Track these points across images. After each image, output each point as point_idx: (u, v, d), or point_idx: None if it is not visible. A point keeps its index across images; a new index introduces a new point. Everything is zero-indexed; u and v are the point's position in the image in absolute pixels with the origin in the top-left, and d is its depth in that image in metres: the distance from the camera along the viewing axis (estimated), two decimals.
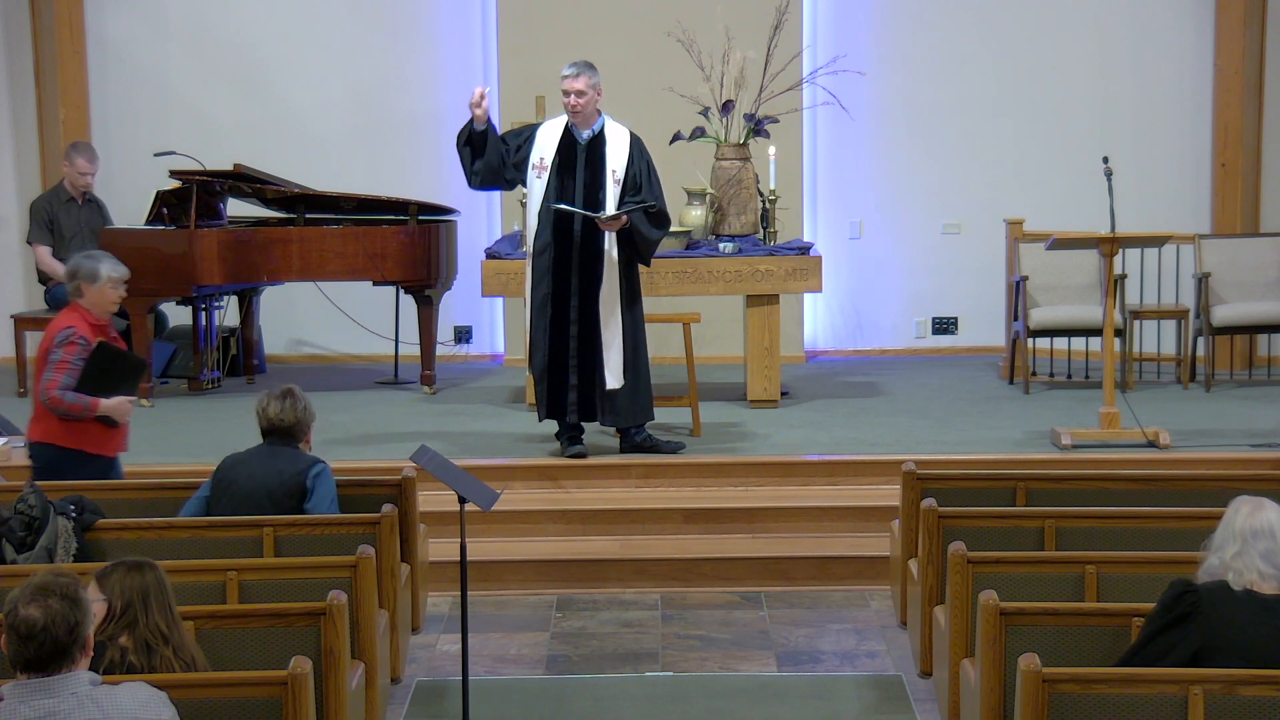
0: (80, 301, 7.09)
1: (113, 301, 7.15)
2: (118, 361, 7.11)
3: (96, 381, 6.98)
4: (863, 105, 11.18)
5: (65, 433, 7.04)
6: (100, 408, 6.98)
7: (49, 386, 6.95)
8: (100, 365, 6.99)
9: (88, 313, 7.07)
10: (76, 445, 7.05)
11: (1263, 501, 4.87)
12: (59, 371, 6.95)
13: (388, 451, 8.62)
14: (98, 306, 7.10)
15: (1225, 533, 4.83)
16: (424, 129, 11.47)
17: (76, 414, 6.97)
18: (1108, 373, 8.89)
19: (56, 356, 6.96)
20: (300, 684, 4.69)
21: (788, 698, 6.49)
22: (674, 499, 8.37)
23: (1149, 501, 6.56)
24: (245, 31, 11.44)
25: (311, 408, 6.56)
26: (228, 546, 6.17)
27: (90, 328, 7.04)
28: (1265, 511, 4.81)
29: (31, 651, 3.98)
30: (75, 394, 6.95)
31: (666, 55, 10.38)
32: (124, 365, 7.16)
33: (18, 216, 11.25)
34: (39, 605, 4.00)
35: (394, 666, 6.53)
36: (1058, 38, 11.37)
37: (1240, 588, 4.72)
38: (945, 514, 6.35)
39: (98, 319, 7.09)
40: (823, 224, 11.57)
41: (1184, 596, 4.74)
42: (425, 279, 10.22)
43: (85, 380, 6.96)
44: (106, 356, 7.02)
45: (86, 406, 6.96)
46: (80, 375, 6.96)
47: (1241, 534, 4.78)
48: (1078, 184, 10.75)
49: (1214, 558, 4.82)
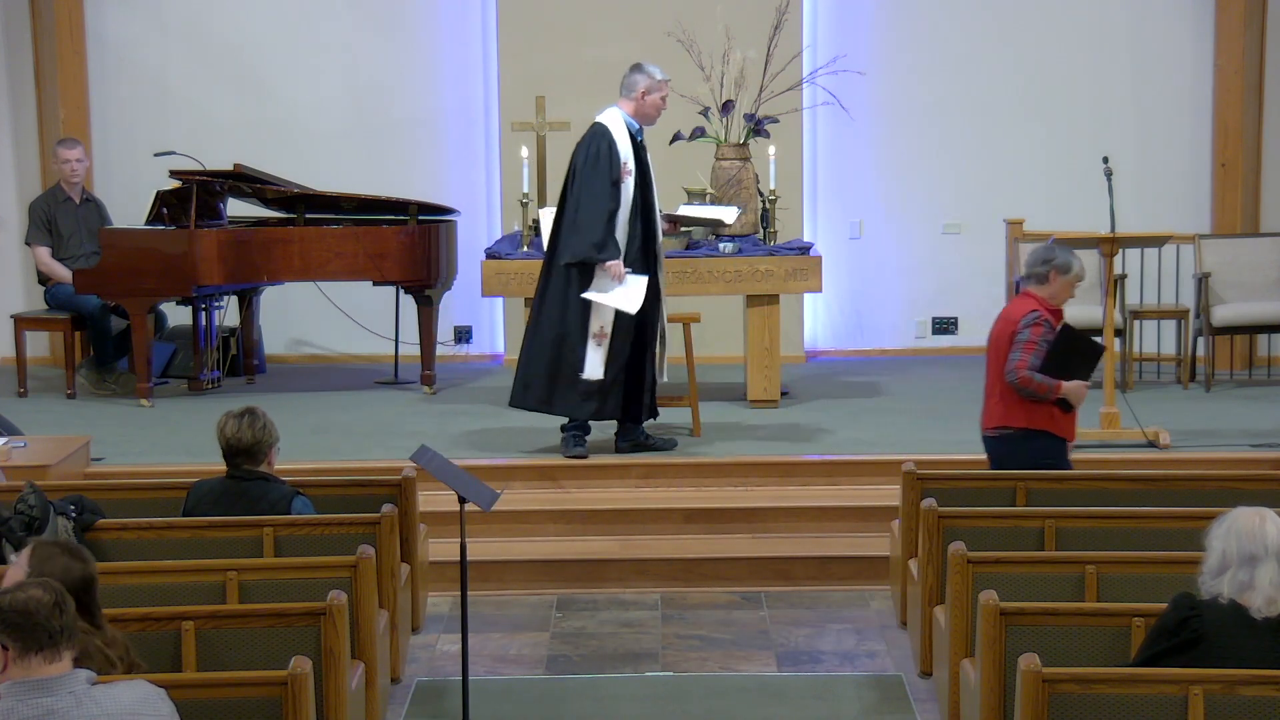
0: (1038, 289, 7.18)
1: (1068, 298, 7.25)
2: (1079, 345, 7.19)
3: (1059, 364, 7.06)
4: (863, 105, 11.18)
5: (1027, 414, 7.12)
6: (1062, 390, 7.05)
7: (1019, 366, 7.03)
8: (1064, 348, 7.09)
9: (1045, 300, 7.17)
10: (1048, 427, 7.13)
11: (1265, 512, 4.77)
12: (1027, 351, 7.05)
13: (388, 451, 8.62)
14: (1056, 297, 7.19)
15: (1241, 548, 4.69)
16: (424, 129, 11.47)
17: (1041, 395, 7.05)
18: (1108, 373, 8.89)
19: (1025, 337, 7.06)
20: (300, 684, 4.69)
21: (788, 698, 6.49)
22: (674, 499, 8.37)
23: (1149, 501, 6.56)
24: (245, 31, 11.43)
25: (273, 428, 6.30)
26: (228, 546, 6.17)
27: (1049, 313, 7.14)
28: (1269, 523, 4.70)
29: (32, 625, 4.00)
30: (1041, 375, 7.03)
31: (666, 55, 10.35)
32: (1085, 349, 7.22)
33: (17, 217, 11.25)
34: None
35: (394, 666, 6.53)
36: (1058, 38, 11.37)
37: (1259, 609, 4.64)
38: (945, 514, 6.35)
39: (1053, 308, 7.17)
40: (823, 224, 11.56)
41: (1189, 622, 4.68)
42: (425, 279, 10.22)
43: (1048, 362, 7.05)
44: (1070, 339, 7.12)
45: (1051, 388, 7.04)
46: (1044, 357, 7.05)
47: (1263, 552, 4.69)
48: (1078, 184, 10.74)
49: (1240, 576, 4.67)
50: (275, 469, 6.42)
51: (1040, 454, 7.08)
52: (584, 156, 8.43)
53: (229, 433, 6.25)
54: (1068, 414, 7.17)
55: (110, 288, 9.96)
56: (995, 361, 7.21)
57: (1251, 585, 4.66)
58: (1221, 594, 4.69)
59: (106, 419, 9.63)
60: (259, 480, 6.31)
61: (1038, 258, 7.24)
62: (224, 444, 6.28)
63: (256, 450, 6.26)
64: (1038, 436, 7.13)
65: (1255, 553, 4.67)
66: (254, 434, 6.23)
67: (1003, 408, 7.18)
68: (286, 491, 6.34)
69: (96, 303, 10.20)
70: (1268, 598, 4.65)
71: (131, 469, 8.28)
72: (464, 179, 11.48)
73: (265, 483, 6.32)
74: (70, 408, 10.06)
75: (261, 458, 6.30)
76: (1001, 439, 7.21)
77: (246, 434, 6.23)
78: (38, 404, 10.16)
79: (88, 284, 10.05)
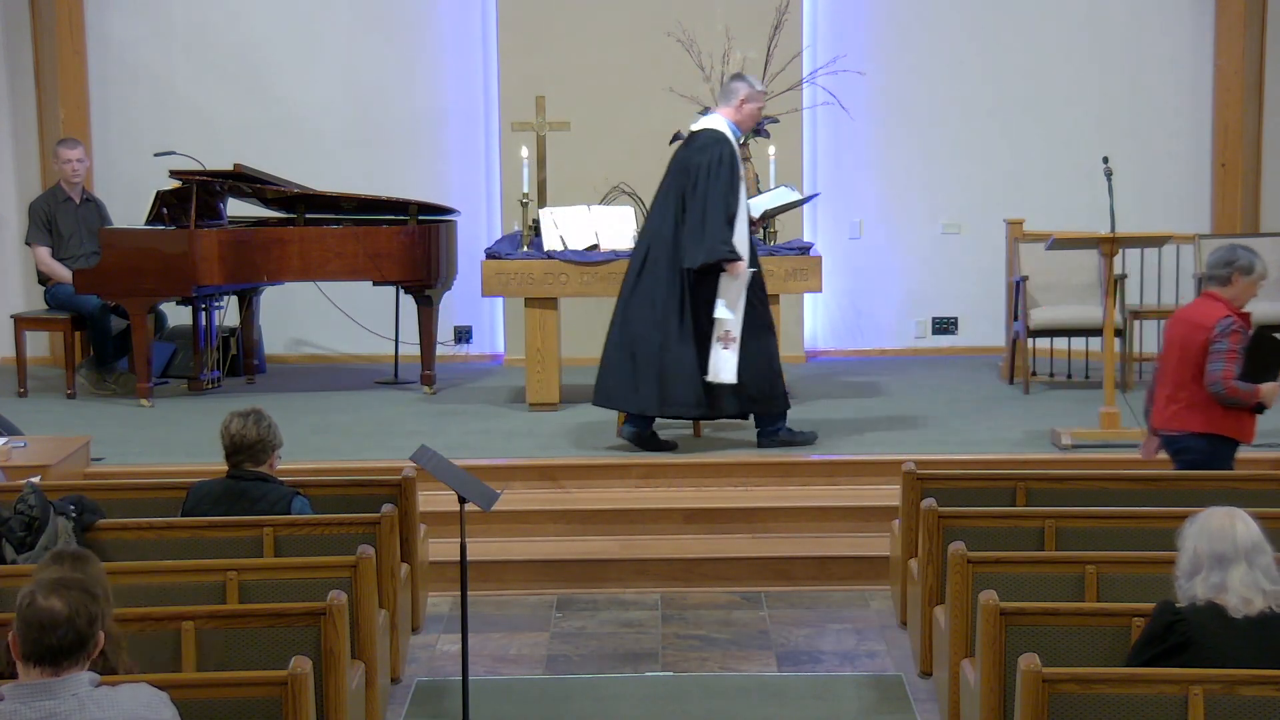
0: (1221, 291, 7.11)
1: (1252, 298, 7.19)
2: (1273, 349, 7.11)
3: (1255, 368, 7.02)
4: (863, 105, 11.19)
5: (1227, 422, 7.08)
6: (1260, 394, 7.03)
7: (1224, 376, 6.96)
8: (1260, 352, 7.02)
9: (1229, 303, 7.11)
10: (1232, 433, 7.11)
11: (1235, 512, 4.79)
12: (1229, 361, 6.98)
13: (388, 451, 8.61)
14: (1239, 299, 7.13)
15: (1212, 548, 4.70)
16: (424, 129, 11.48)
17: (1243, 402, 7.03)
18: (1108, 373, 8.89)
19: (1224, 346, 6.99)
20: (300, 684, 4.69)
21: (788, 698, 6.49)
22: (674, 499, 8.37)
23: (1149, 501, 6.56)
24: (246, 31, 11.44)
25: (277, 431, 6.31)
26: (228, 546, 6.17)
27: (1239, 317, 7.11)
28: (1238, 523, 4.72)
29: (54, 640, 3.95)
30: (1243, 382, 6.99)
31: (666, 55, 10.38)
32: (1273, 349, 7.13)
33: (17, 216, 11.26)
34: (61, 596, 3.99)
35: (394, 666, 6.53)
36: (1058, 38, 11.38)
37: (1235, 609, 4.64)
38: (945, 514, 6.35)
39: (1239, 311, 7.13)
40: (823, 224, 11.57)
41: (1174, 627, 4.68)
42: (425, 279, 10.22)
43: (1244, 367, 7.01)
44: (1266, 344, 7.06)
45: (1251, 393, 7.02)
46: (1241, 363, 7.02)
47: (1233, 552, 4.71)
48: (1078, 184, 10.75)
49: (1212, 578, 4.67)
50: (276, 471, 6.42)
51: (1212, 456, 7.06)
52: (708, 162, 8.50)
53: (233, 430, 6.24)
54: (1252, 417, 7.14)
55: (110, 288, 9.96)
56: (1177, 364, 7.11)
57: (1224, 587, 4.66)
58: (1197, 596, 4.69)
59: (106, 419, 9.64)
60: (258, 480, 6.31)
61: (1220, 259, 7.14)
62: (227, 441, 6.27)
63: (259, 450, 6.26)
64: (1215, 440, 7.10)
65: (1225, 553, 4.68)
66: (258, 432, 6.24)
67: (1187, 411, 7.11)
68: (285, 491, 6.33)
69: (96, 303, 10.21)
70: (1242, 598, 4.65)
71: (131, 469, 8.28)
72: (464, 179, 11.49)
73: (264, 483, 6.32)
74: (70, 408, 10.06)
75: (264, 458, 6.29)
76: (1182, 438, 7.16)
77: (251, 431, 6.23)
78: (38, 404, 10.16)
79: (88, 284, 10.05)
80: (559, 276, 9.60)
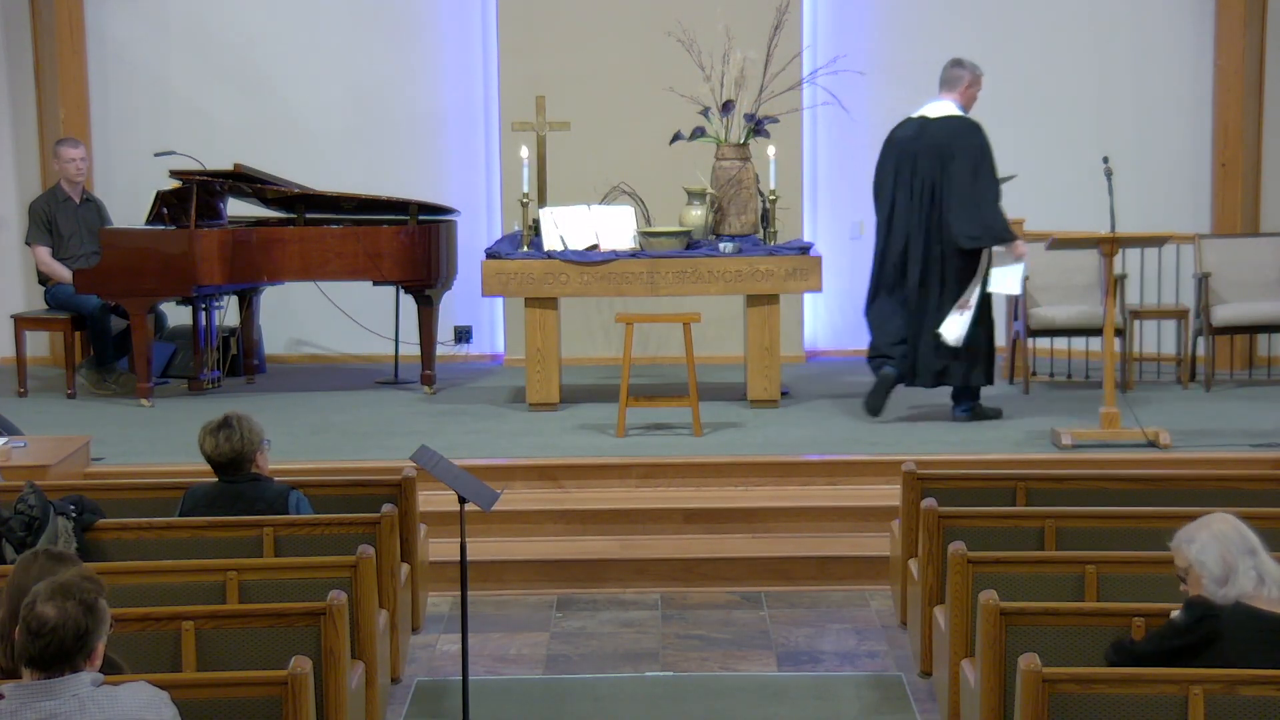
0: None
1: None
2: None
3: None
4: (863, 105, 11.18)
5: None
6: None
7: None
8: None
9: None
10: None
11: (1226, 515, 4.82)
12: None
13: (388, 451, 8.61)
14: None
15: (1238, 545, 4.72)
16: (424, 129, 11.48)
17: None
18: (1108, 373, 8.89)
19: None
20: (300, 684, 4.69)
21: (788, 698, 6.49)
22: (674, 499, 8.37)
23: (1149, 501, 6.56)
24: (245, 31, 11.44)
25: (254, 434, 6.23)
26: (227, 546, 6.17)
27: None
28: (1235, 520, 4.76)
29: (36, 649, 3.98)
30: None
31: (666, 55, 10.38)
32: None
33: (17, 216, 11.26)
34: (56, 605, 4.00)
35: (394, 666, 6.53)
36: (1058, 38, 11.37)
37: (1273, 599, 4.65)
38: (945, 514, 6.35)
39: None
40: (823, 224, 11.57)
41: (1205, 621, 4.69)
42: (425, 279, 10.22)
43: None
44: None
45: None
46: None
47: (1253, 542, 4.72)
48: (1078, 184, 10.74)
49: (1250, 571, 4.69)
50: (270, 469, 6.42)
51: None
52: (980, 144, 9.23)
53: (208, 449, 6.22)
54: None
55: (110, 288, 9.96)
56: None
57: (1265, 573, 4.70)
58: (1246, 592, 4.69)
59: (106, 419, 9.64)
60: (251, 481, 6.31)
61: None
62: (206, 459, 6.27)
63: (240, 460, 6.24)
64: None
65: (1249, 544, 4.72)
66: (233, 446, 6.19)
67: None
68: (280, 488, 6.34)
69: (96, 303, 10.21)
70: (1278, 583, 4.69)
71: (131, 469, 8.27)
72: (464, 179, 11.49)
73: (257, 483, 6.32)
74: (70, 408, 10.06)
75: (248, 465, 6.27)
76: None
77: (225, 448, 6.20)
78: (38, 404, 10.16)
79: (88, 284, 10.05)
80: (559, 276, 9.60)
